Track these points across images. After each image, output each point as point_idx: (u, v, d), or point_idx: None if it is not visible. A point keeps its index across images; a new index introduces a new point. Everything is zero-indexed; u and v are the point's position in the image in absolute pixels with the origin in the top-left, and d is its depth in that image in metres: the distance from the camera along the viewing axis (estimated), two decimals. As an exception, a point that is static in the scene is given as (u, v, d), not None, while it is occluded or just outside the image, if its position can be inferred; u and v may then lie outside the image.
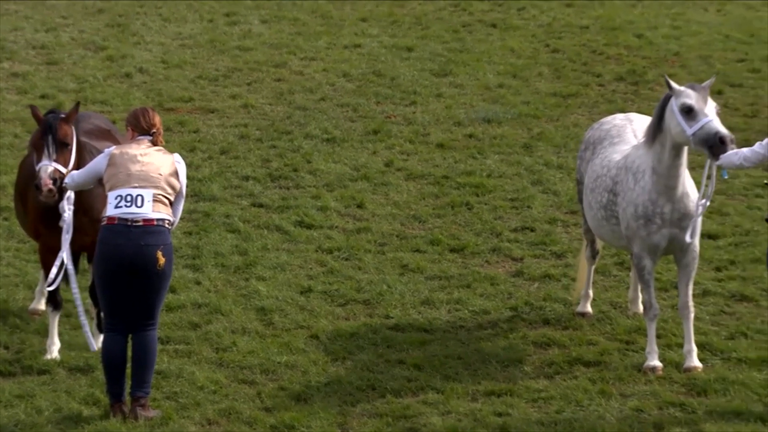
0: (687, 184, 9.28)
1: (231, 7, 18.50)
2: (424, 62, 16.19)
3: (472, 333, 10.00)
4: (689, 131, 8.95)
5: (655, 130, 9.21)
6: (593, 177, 9.67)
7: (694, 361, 9.33)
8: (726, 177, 9.38)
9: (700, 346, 9.63)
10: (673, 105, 9.09)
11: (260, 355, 9.62)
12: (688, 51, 16.46)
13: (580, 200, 10.15)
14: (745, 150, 8.91)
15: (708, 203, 9.20)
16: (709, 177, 9.07)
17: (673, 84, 9.16)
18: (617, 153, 9.63)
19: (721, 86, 15.20)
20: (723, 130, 8.90)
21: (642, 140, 9.45)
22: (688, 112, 9.00)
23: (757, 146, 8.89)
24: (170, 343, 9.79)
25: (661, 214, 9.18)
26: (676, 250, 9.34)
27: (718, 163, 8.93)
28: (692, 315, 9.41)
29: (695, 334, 9.82)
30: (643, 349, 9.57)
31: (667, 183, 9.14)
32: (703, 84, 9.15)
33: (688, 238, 9.23)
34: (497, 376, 9.32)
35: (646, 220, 9.22)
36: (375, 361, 9.53)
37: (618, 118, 10.09)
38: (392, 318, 10.25)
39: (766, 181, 10.86)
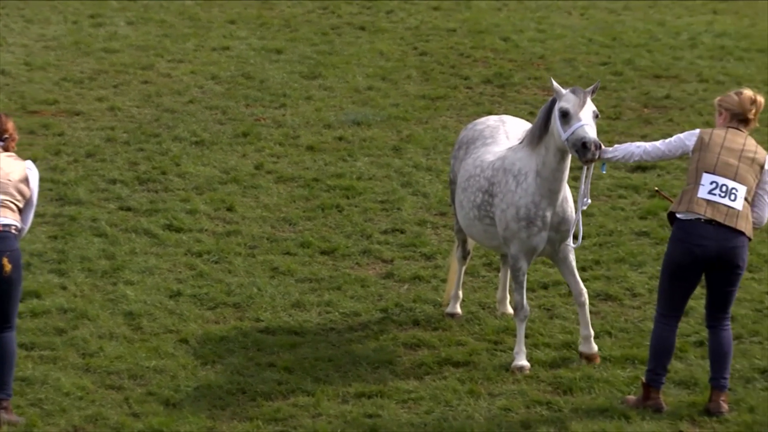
0: (567, 188, 9.41)
1: (96, 8, 18.25)
2: (294, 65, 16.17)
3: (343, 335, 10.01)
4: (564, 136, 9.07)
5: (541, 133, 9.26)
6: (465, 176, 9.74)
7: (593, 347, 9.48)
8: (604, 171, 9.56)
9: (566, 345, 9.80)
10: (556, 108, 9.19)
11: (128, 360, 9.51)
12: (552, 54, 16.72)
13: (453, 200, 10.23)
14: (647, 144, 9.07)
15: (588, 202, 9.32)
16: (587, 177, 9.19)
17: (557, 87, 9.21)
18: (489, 154, 9.72)
19: (584, 88, 15.45)
20: (589, 135, 8.98)
21: (522, 142, 9.51)
22: (564, 116, 9.10)
23: (660, 143, 9.06)
24: (35, 349, 9.62)
25: (543, 217, 9.28)
26: (552, 251, 9.47)
27: (611, 155, 9.04)
28: (587, 301, 9.52)
29: (561, 333, 9.99)
30: (512, 348, 9.69)
31: (551, 186, 9.23)
32: (588, 89, 9.21)
33: (571, 243, 9.37)
34: (368, 378, 9.35)
35: (528, 222, 9.32)
36: (245, 365, 9.49)
37: (491, 120, 10.17)
38: (262, 321, 10.22)
39: (656, 188, 11.06)
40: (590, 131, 8.99)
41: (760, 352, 9.74)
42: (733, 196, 8.65)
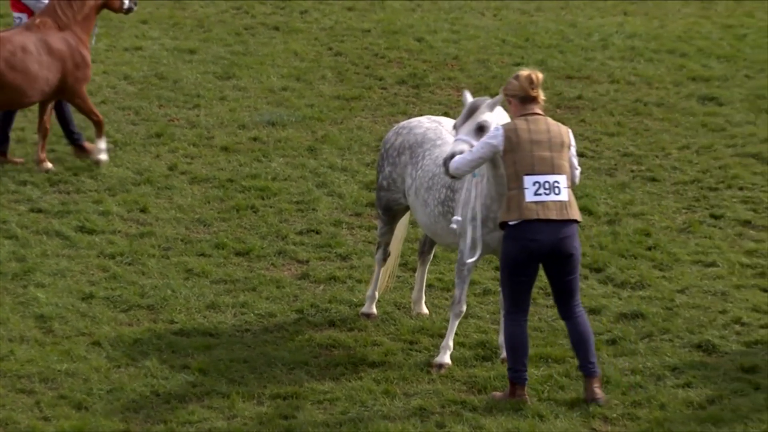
0: None
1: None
2: (207, 65, 16.09)
3: (258, 336, 9.99)
4: None
5: None
6: (427, 177, 9.76)
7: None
8: (476, 176, 9.56)
9: (480, 344, 9.86)
10: None
11: (39, 363, 9.39)
12: (466, 55, 16.81)
13: (380, 205, 10.23)
14: (458, 158, 9.06)
15: (458, 219, 9.38)
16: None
17: (466, 98, 9.34)
18: None
19: (498, 90, 15.56)
20: (447, 151, 9.17)
21: None
22: (454, 128, 9.38)
23: (468, 153, 9.09)
24: (-56, 354, 9.48)
25: (494, 219, 9.35)
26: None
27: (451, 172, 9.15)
28: None
29: (476, 332, 10.05)
30: (427, 349, 9.73)
31: (499, 190, 9.30)
32: (491, 100, 9.31)
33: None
34: (283, 379, 9.33)
35: (481, 223, 9.38)
36: (159, 367, 9.42)
37: (425, 122, 10.21)
38: (177, 323, 10.15)
39: None
40: (450, 147, 9.19)
41: (671, 350, 9.88)
42: (557, 190, 8.85)
